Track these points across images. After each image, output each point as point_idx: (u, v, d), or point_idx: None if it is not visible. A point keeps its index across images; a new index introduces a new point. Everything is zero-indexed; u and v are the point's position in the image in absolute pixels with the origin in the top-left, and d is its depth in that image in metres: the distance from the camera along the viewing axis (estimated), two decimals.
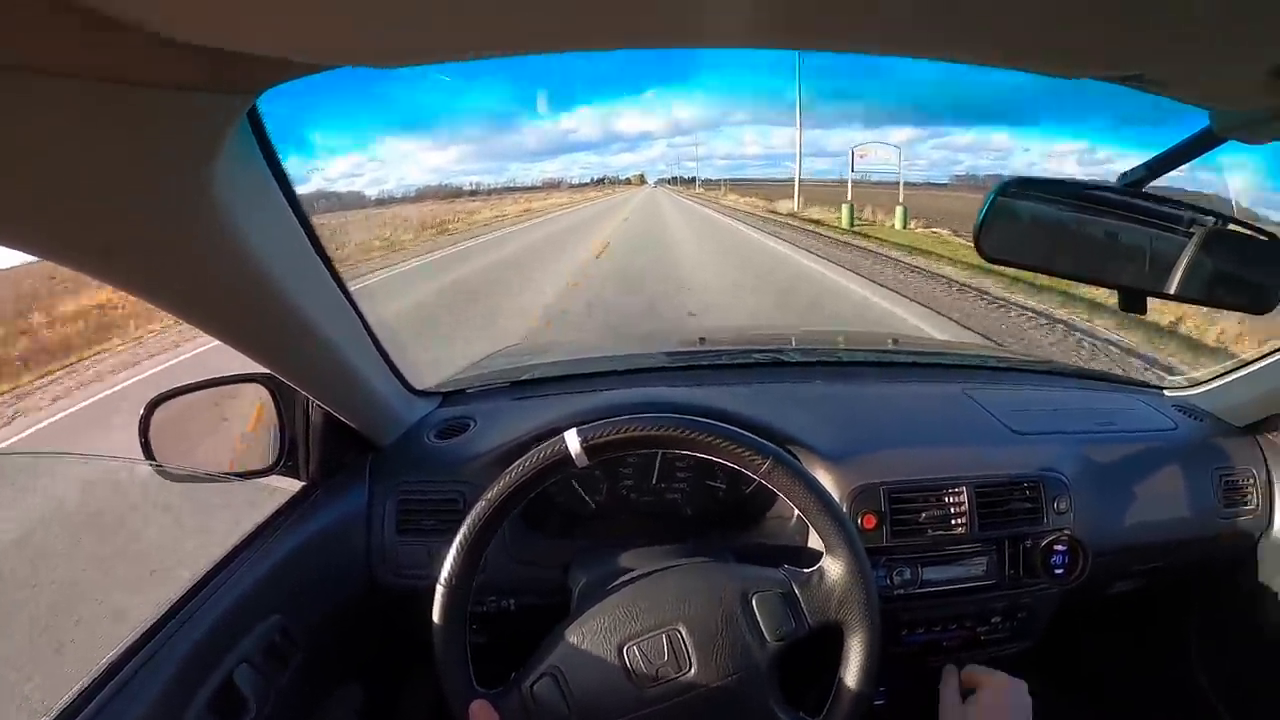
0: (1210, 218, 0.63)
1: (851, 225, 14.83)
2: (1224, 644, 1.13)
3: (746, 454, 0.66)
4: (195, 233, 0.45)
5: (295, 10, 0.28)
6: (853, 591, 0.65)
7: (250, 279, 0.53)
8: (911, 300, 6.80)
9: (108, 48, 0.29)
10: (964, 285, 7.58)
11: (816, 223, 16.35)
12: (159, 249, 0.45)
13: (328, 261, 0.66)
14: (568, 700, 0.64)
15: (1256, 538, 1.03)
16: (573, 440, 0.66)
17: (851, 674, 0.65)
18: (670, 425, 0.66)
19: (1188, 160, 0.58)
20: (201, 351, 6.22)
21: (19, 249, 0.38)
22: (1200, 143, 0.56)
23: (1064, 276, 0.65)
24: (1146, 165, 0.60)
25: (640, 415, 0.67)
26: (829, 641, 0.67)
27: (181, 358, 6.43)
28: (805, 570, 0.68)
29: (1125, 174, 0.60)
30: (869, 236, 12.88)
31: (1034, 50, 0.38)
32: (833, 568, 0.66)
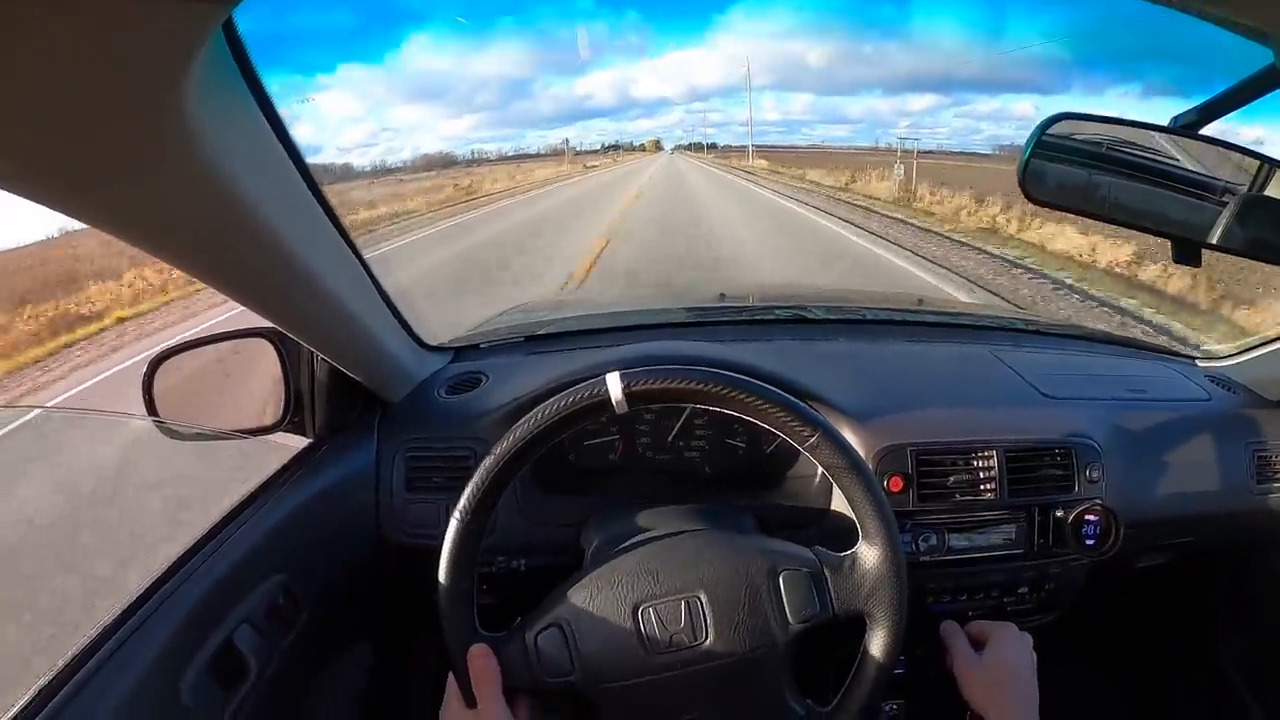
0: (1266, 162, 0.60)
1: None
2: (1250, 623, 1.11)
3: (794, 423, 0.62)
4: (170, 165, 0.41)
5: None
6: (884, 584, 0.62)
7: (238, 219, 0.49)
8: None
9: None
10: None
11: None
12: (129, 182, 0.41)
13: (327, 207, 0.62)
14: (572, 655, 0.62)
15: None
16: (614, 384, 0.61)
17: (869, 668, 0.62)
18: (719, 382, 0.62)
19: (1246, 102, 0.55)
20: None
21: None
22: (1261, 82, 0.53)
23: (1111, 222, 0.62)
24: (1201, 107, 0.56)
25: (688, 367, 0.63)
26: (847, 631, 0.64)
27: None
28: (838, 554, 0.65)
29: (1178, 116, 0.57)
30: None
31: None
32: (867, 555, 0.63)
